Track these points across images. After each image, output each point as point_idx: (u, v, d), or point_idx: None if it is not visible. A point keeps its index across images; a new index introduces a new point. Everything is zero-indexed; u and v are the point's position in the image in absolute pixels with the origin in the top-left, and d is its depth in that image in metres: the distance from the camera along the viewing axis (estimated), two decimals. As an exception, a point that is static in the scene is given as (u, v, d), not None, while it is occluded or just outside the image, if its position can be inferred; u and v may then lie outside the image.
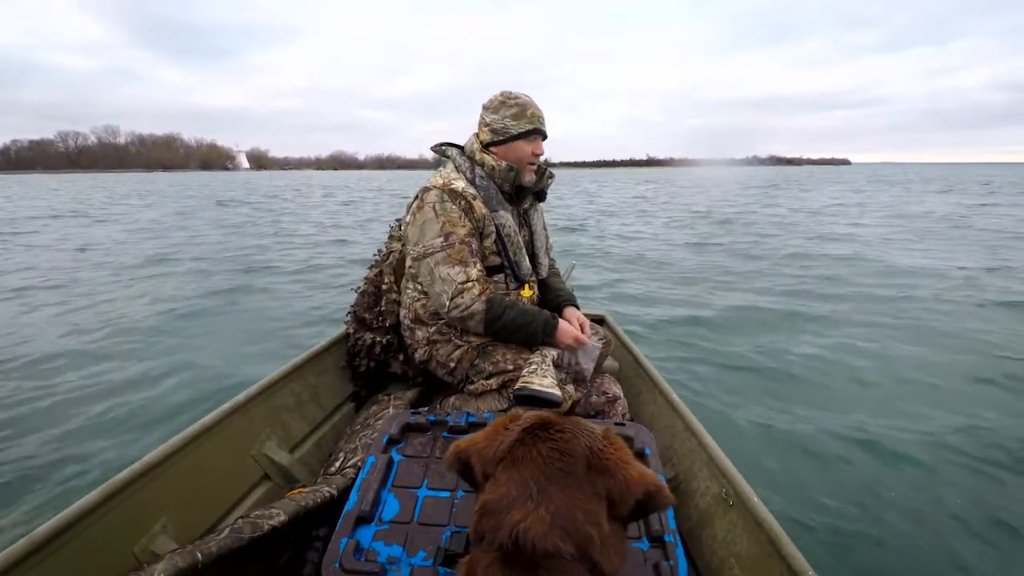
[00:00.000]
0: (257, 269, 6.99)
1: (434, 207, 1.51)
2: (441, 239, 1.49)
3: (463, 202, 1.52)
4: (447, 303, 1.48)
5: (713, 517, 1.23)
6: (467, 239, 1.50)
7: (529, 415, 0.74)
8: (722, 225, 11.70)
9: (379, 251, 1.86)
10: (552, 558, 0.57)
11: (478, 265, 1.52)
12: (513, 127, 1.56)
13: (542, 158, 1.66)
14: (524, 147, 1.59)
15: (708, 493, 1.28)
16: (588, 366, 1.59)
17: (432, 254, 1.50)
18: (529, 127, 1.57)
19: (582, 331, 1.62)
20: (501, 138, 1.58)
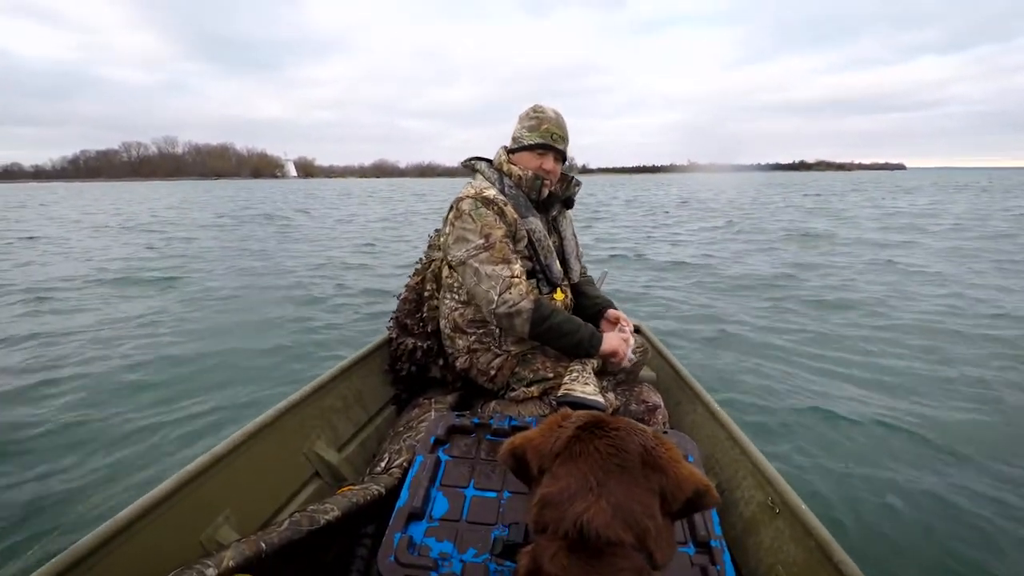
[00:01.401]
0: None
1: (470, 214, 1.56)
2: (482, 240, 1.53)
3: (496, 208, 1.56)
4: (495, 299, 1.50)
5: (759, 525, 1.23)
6: (505, 239, 1.55)
7: (581, 413, 0.77)
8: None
9: (420, 260, 1.91)
10: (614, 546, 0.61)
11: (519, 263, 1.56)
12: (526, 138, 1.63)
13: (576, 171, 1.70)
14: (530, 159, 1.64)
15: (753, 501, 1.28)
16: (630, 355, 1.62)
17: (475, 255, 1.53)
18: (538, 140, 1.62)
19: (621, 324, 1.67)
20: (516, 147, 1.66)
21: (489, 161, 1.73)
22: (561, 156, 1.68)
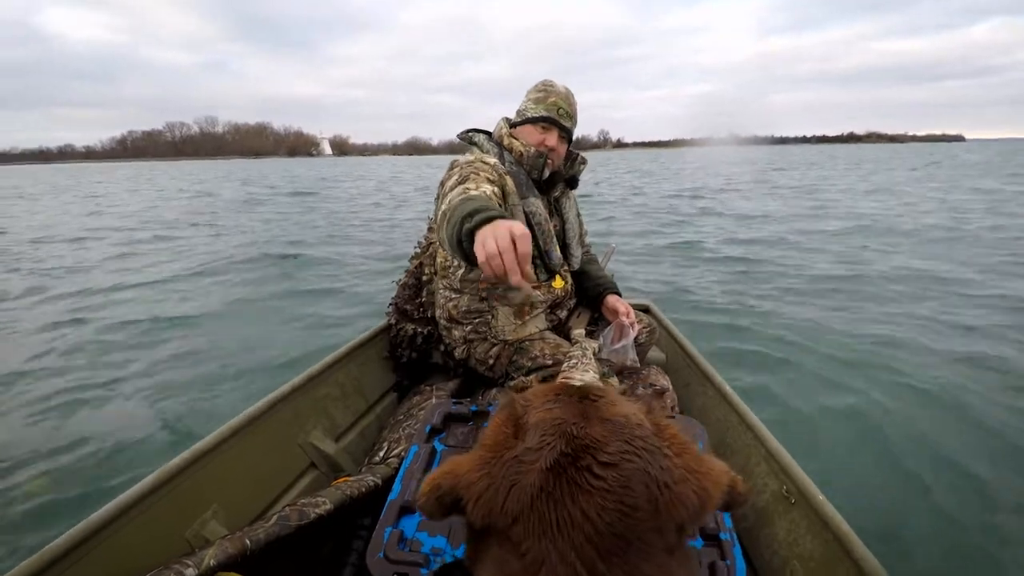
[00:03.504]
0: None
1: (460, 167, 1.39)
2: (456, 178, 1.31)
3: (492, 168, 1.39)
4: (435, 218, 1.25)
5: (772, 516, 1.16)
6: (485, 178, 1.31)
7: (544, 426, 0.50)
8: None
9: (419, 243, 1.85)
10: None
11: (485, 186, 1.22)
12: (531, 110, 1.54)
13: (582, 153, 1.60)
14: (533, 133, 1.54)
15: (767, 490, 1.21)
16: (633, 356, 1.51)
17: (445, 192, 1.28)
18: (543, 114, 1.52)
19: (628, 318, 1.55)
20: (519, 120, 1.56)
21: (488, 134, 1.63)
22: (566, 135, 1.58)
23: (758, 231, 8.11)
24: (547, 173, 1.56)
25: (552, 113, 1.52)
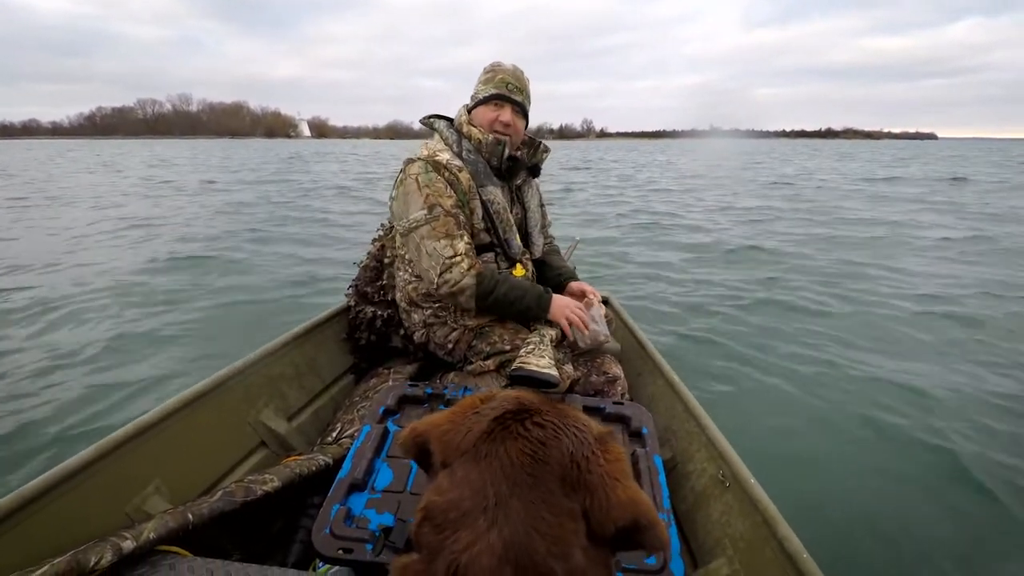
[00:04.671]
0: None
1: (417, 179, 1.46)
2: (425, 211, 1.43)
3: (447, 174, 1.47)
4: (435, 279, 1.44)
5: (709, 499, 1.22)
6: (453, 211, 1.45)
7: (506, 396, 0.62)
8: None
9: (382, 225, 1.84)
10: None
11: (465, 238, 1.46)
12: (481, 91, 1.55)
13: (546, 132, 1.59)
14: (486, 113, 1.54)
15: (705, 474, 1.27)
16: (604, 330, 1.56)
17: (417, 228, 1.44)
18: (492, 92, 1.53)
19: (588, 297, 1.60)
20: (472, 104, 1.57)
21: (450, 120, 1.62)
22: (521, 110, 1.57)
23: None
24: (507, 153, 1.56)
25: (501, 89, 1.52)
